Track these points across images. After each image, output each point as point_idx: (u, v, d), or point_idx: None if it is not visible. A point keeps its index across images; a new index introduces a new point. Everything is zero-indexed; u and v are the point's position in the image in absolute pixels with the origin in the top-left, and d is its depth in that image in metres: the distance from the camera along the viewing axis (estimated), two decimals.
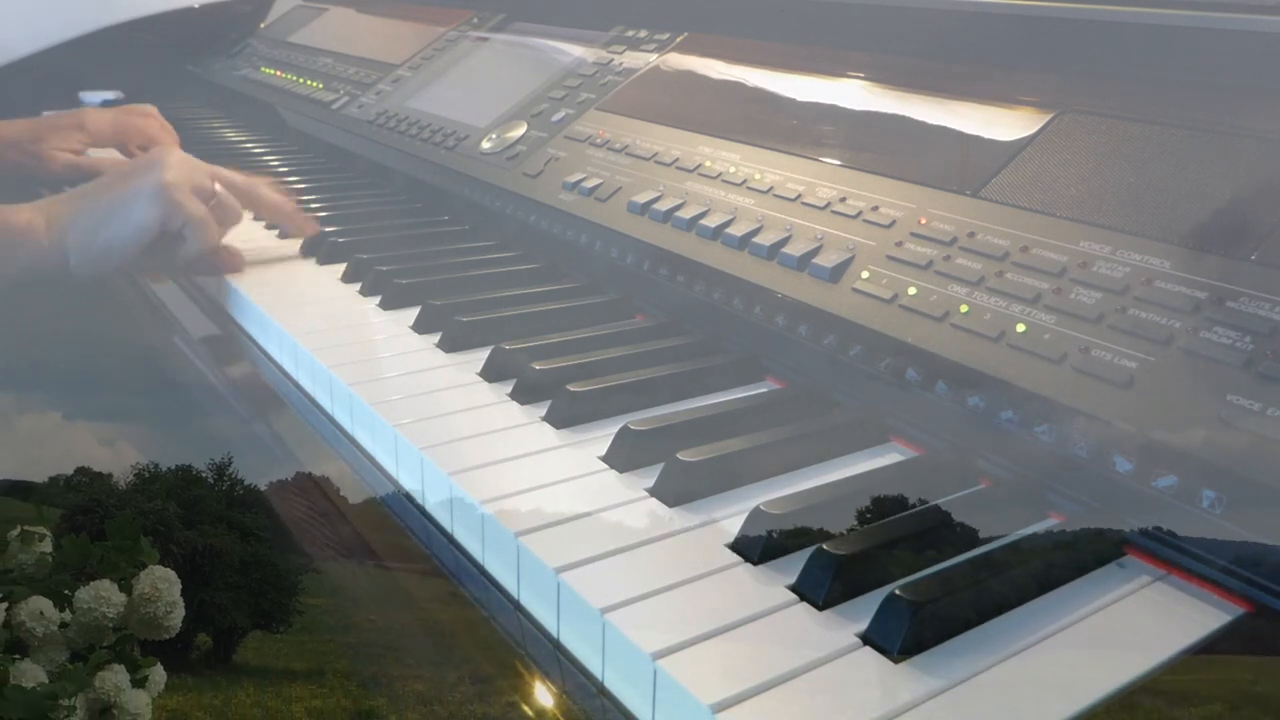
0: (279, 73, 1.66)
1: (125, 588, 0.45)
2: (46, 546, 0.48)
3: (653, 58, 1.10)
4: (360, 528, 0.61)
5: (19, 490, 0.72)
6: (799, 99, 0.93)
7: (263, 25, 1.96)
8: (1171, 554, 0.53)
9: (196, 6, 1.89)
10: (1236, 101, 0.67)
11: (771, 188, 0.81)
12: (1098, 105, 0.73)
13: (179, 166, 0.96)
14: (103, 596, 0.44)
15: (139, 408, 0.88)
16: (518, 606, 0.55)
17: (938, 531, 0.54)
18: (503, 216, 1.04)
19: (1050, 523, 0.57)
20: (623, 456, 0.62)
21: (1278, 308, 0.54)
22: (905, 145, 0.80)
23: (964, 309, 0.64)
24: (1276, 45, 0.66)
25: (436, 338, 0.82)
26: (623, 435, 0.63)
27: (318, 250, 1.03)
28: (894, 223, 0.72)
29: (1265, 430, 0.50)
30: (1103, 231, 0.64)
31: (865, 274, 0.70)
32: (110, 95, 1.77)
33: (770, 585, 0.51)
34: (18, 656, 0.43)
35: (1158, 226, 0.62)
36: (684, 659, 0.45)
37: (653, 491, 0.59)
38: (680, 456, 0.59)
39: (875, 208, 0.74)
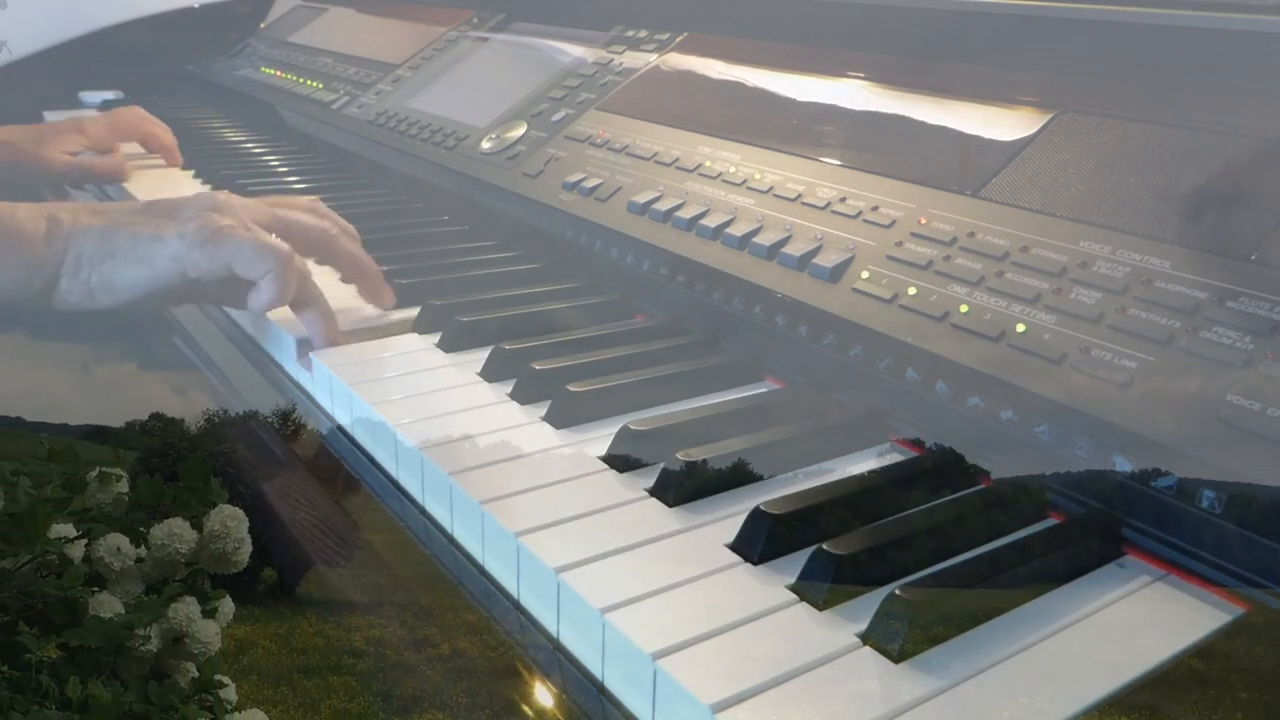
0: (279, 73, 1.66)
1: (196, 525, 0.48)
2: (123, 487, 0.50)
3: (653, 58, 1.10)
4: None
5: (98, 435, 0.74)
6: (799, 99, 0.93)
7: (263, 25, 1.96)
8: (1171, 554, 0.53)
9: (196, 6, 1.89)
10: (1236, 101, 0.67)
11: (771, 188, 0.81)
12: (1098, 105, 0.73)
13: (237, 209, 0.82)
14: (175, 533, 0.47)
15: (209, 358, 0.91)
16: (518, 606, 0.55)
17: (938, 531, 0.54)
18: (503, 216, 1.04)
19: (1050, 523, 0.57)
20: (622, 456, 0.62)
21: (1278, 308, 0.54)
22: (905, 145, 0.80)
23: (964, 309, 0.64)
24: (1276, 45, 0.66)
25: (436, 338, 0.82)
26: (623, 435, 0.63)
27: None
28: (894, 223, 0.72)
29: (1265, 430, 0.50)
30: (1103, 231, 0.64)
31: (865, 274, 0.70)
32: (110, 95, 1.77)
33: (770, 585, 0.51)
34: (96, 589, 0.45)
35: (1158, 226, 0.62)
36: (684, 659, 0.45)
37: (652, 491, 0.59)
38: (679, 456, 0.59)
39: (875, 208, 0.74)
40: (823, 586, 0.49)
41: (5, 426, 0.73)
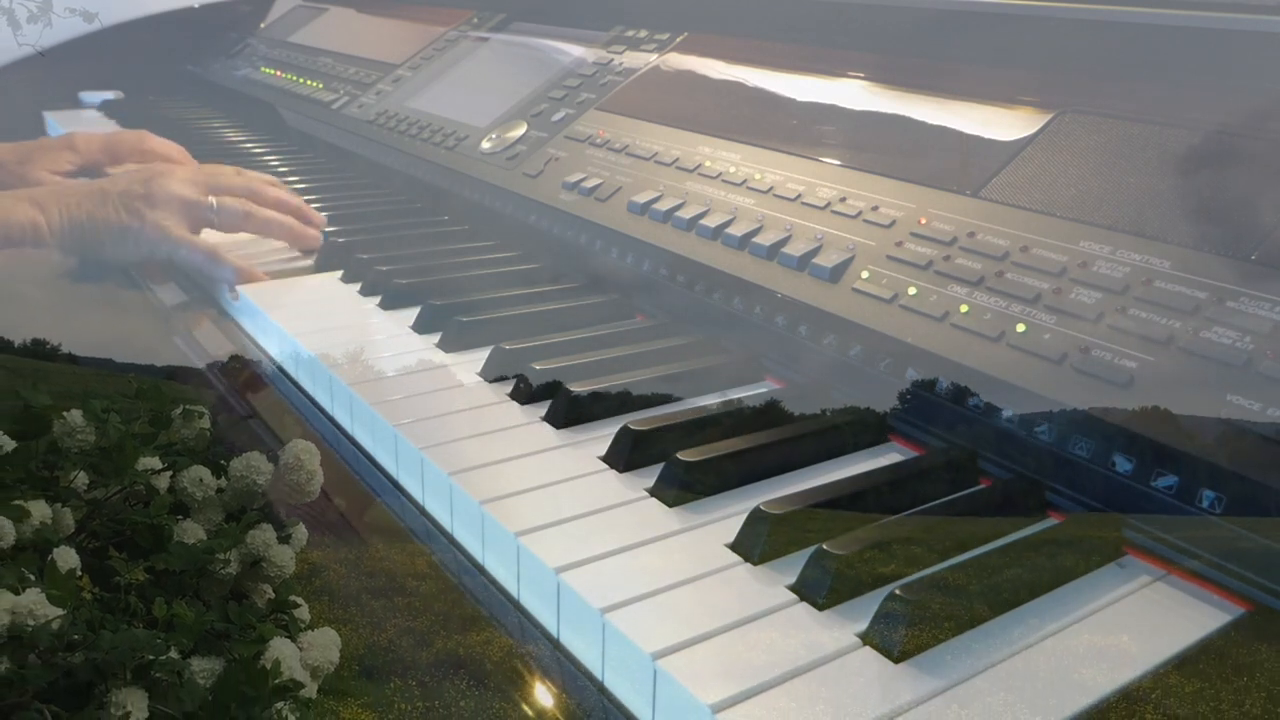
0: (279, 73, 1.66)
1: (272, 458, 0.51)
2: (205, 423, 0.54)
3: (653, 58, 1.10)
4: (359, 527, 0.63)
5: (181, 375, 0.81)
6: (799, 99, 0.93)
7: (263, 25, 1.96)
8: (1171, 554, 0.53)
9: (196, 6, 1.89)
10: (1236, 101, 0.67)
11: (771, 188, 0.81)
12: (1098, 105, 0.73)
13: (171, 198, 0.99)
14: (253, 466, 0.50)
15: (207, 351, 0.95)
16: (518, 606, 0.55)
17: (938, 532, 0.54)
18: (503, 216, 1.04)
19: (1050, 522, 0.57)
20: (623, 456, 0.62)
21: (1278, 308, 0.54)
22: (905, 145, 0.80)
23: (964, 309, 0.64)
24: (1276, 45, 0.66)
25: (436, 338, 0.82)
26: (623, 435, 0.63)
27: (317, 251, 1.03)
28: (894, 223, 0.72)
29: (1265, 430, 0.50)
30: (1103, 231, 0.64)
31: (865, 274, 0.70)
32: (110, 95, 1.78)
33: (770, 585, 0.51)
34: (181, 517, 0.49)
35: (1158, 226, 0.62)
36: (684, 659, 0.45)
37: (653, 491, 0.59)
38: (680, 456, 0.59)
39: (875, 208, 0.74)
40: (822, 586, 0.49)
41: (96, 367, 0.80)
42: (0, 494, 0.45)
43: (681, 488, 0.58)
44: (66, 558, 0.42)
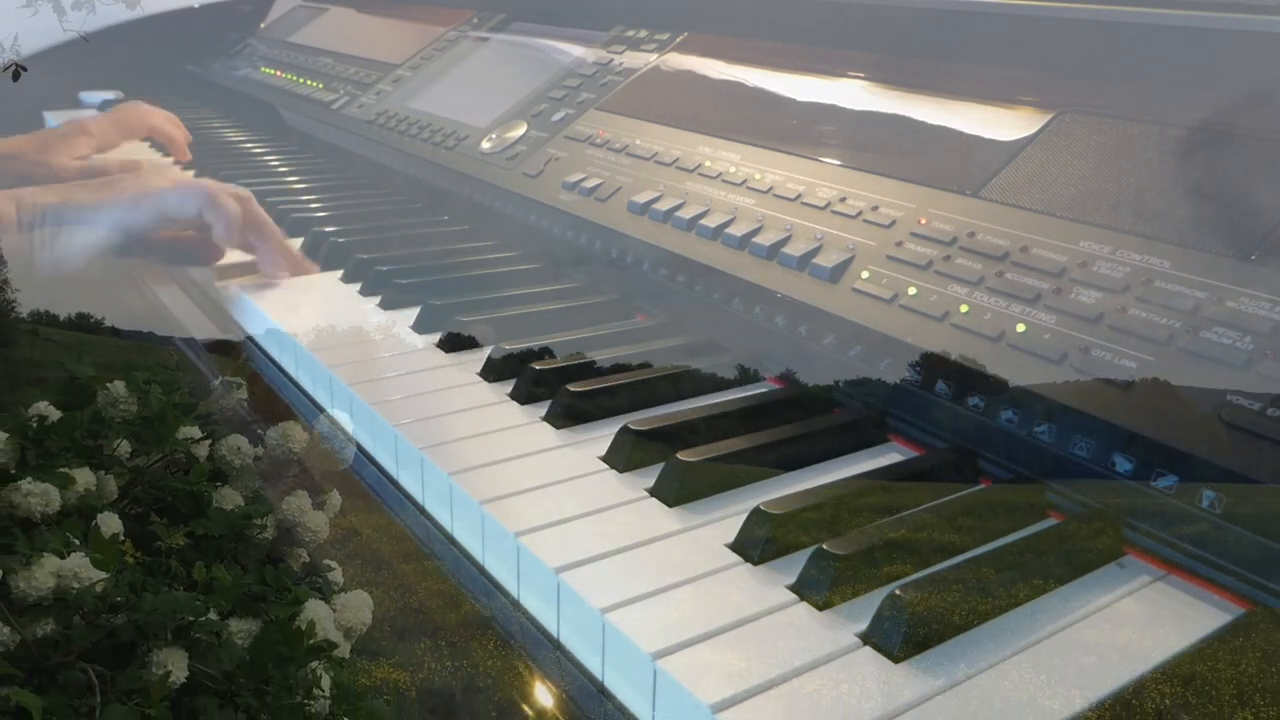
0: (279, 73, 1.66)
1: (307, 428, 0.52)
2: (243, 394, 0.56)
3: (653, 58, 1.10)
4: (359, 527, 0.63)
5: (220, 348, 0.84)
6: (799, 99, 0.93)
7: (263, 25, 1.96)
8: (1171, 554, 0.53)
9: (196, 6, 1.89)
10: (1236, 101, 0.67)
11: (771, 188, 0.81)
12: (1098, 105, 0.73)
13: (159, 170, 1.01)
14: (289, 435, 0.51)
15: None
16: (518, 606, 0.55)
17: (938, 531, 0.54)
18: (503, 216, 1.04)
19: (1050, 522, 0.57)
20: (623, 456, 0.62)
21: (1278, 308, 0.54)
22: (905, 145, 0.80)
23: (964, 309, 0.64)
24: (1276, 45, 0.66)
25: (436, 338, 0.82)
26: (623, 435, 0.63)
27: (318, 251, 1.03)
28: (894, 223, 0.72)
29: (1265, 430, 0.50)
30: (1103, 231, 0.64)
31: (865, 274, 0.70)
32: (110, 95, 1.77)
33: (770, 585, 0.51)
34: (219, 484, 0.50)
35: (1158, 226, 0.62)
36: (684, 659, 0.45)
37: (653, 491, 0.59)
38: (680, 456, 0.59)
39: (875, 208, 0.74)
40: (822, 586, 0.49)
41: (138, 340, 0.83)
42: (46, 462, 0.46)
43: (681, 488, 0.58)
44: (110, 523, 0.43)
